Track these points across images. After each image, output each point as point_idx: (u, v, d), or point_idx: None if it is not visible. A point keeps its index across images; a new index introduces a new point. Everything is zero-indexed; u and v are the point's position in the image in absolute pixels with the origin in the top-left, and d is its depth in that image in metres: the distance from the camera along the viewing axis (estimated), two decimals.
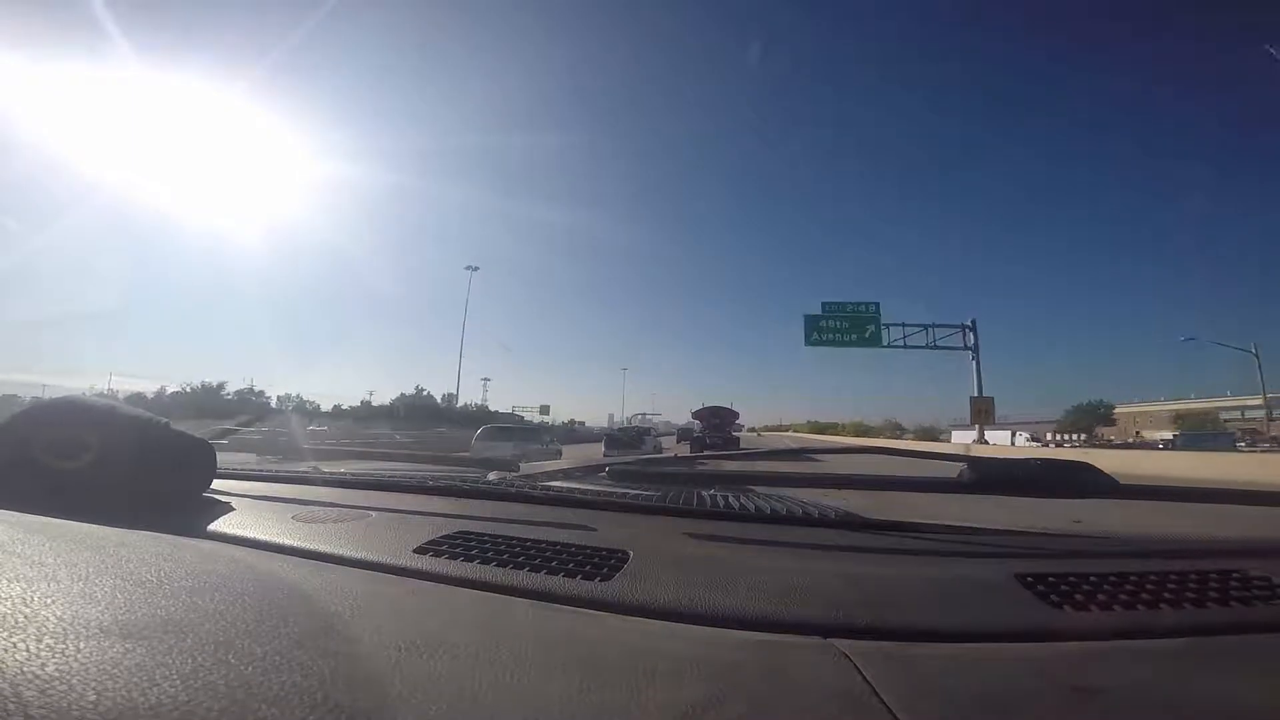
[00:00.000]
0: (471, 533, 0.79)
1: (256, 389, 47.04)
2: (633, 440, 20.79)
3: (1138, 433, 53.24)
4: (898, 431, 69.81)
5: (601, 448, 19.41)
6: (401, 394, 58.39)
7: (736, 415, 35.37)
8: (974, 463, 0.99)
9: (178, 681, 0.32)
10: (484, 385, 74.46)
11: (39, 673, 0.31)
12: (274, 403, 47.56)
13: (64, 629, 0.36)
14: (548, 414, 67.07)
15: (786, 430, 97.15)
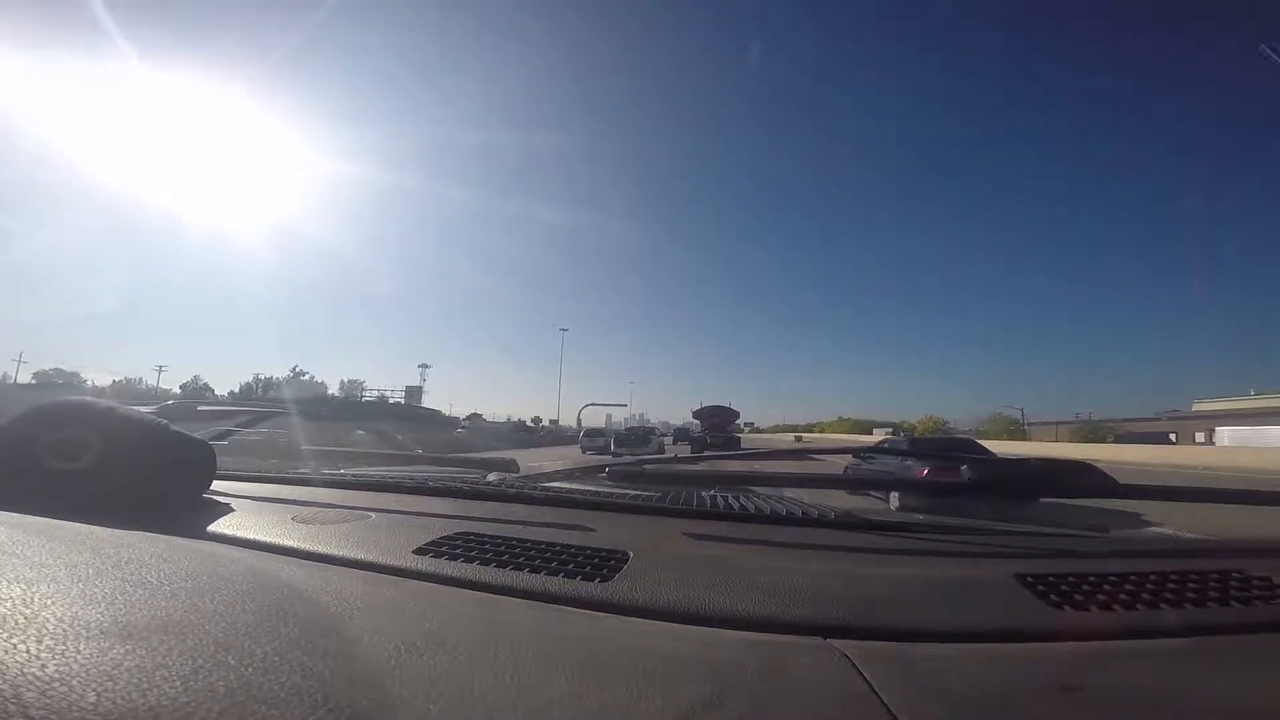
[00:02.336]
0: (471, 534, 0.79)
1: (67, 369, 46.22)
2: (641, 439, 24.97)
3: None
4: (1015, 430, 50.50)
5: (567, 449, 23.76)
6: (257, 377, 53.93)
7: (737, 415, 35.52)
8: (975, 464, 0.99)
9: (178, 683, 0.32)
10: (421, 373, 75.61)
11: (39, 674, 0.31)
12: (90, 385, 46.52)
13: (64, 630, 0.36)
14: (419, 398, 68.11)
15: (825, 432, 79.15)
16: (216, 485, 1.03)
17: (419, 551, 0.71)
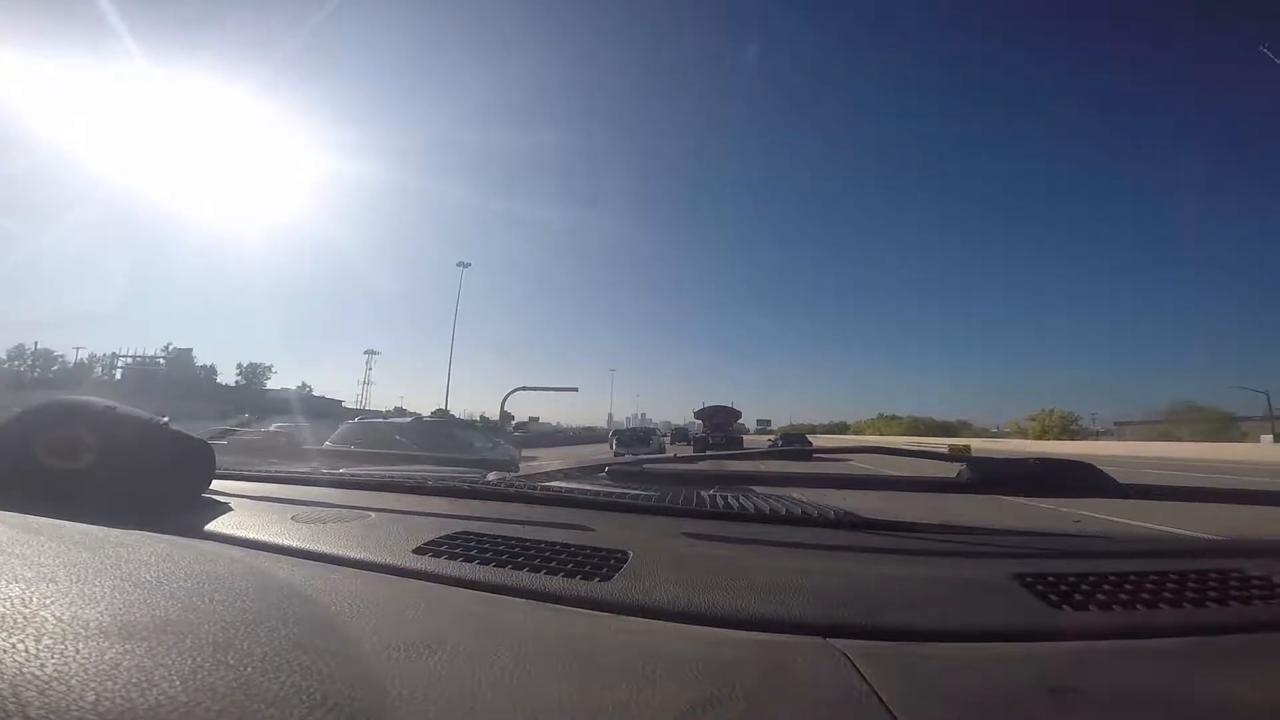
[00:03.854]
0: (471, 533, 0.79)
1: None
2: (641, 438, 25.46)
3: None
4: (1221, 427, 31.52)
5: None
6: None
7: (739, 415, 35.54)
8: (974, 463, 0.98)
9: (177, 682, 0.32)
10: (367, 359, 73.04)
11: (38, 673, 0.31)
12: None
13: (63, 630, 0.36)
14: (189, 364, 60.50)
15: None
16: (215, 485, 1.03)
17: (418, 551, 0.71)
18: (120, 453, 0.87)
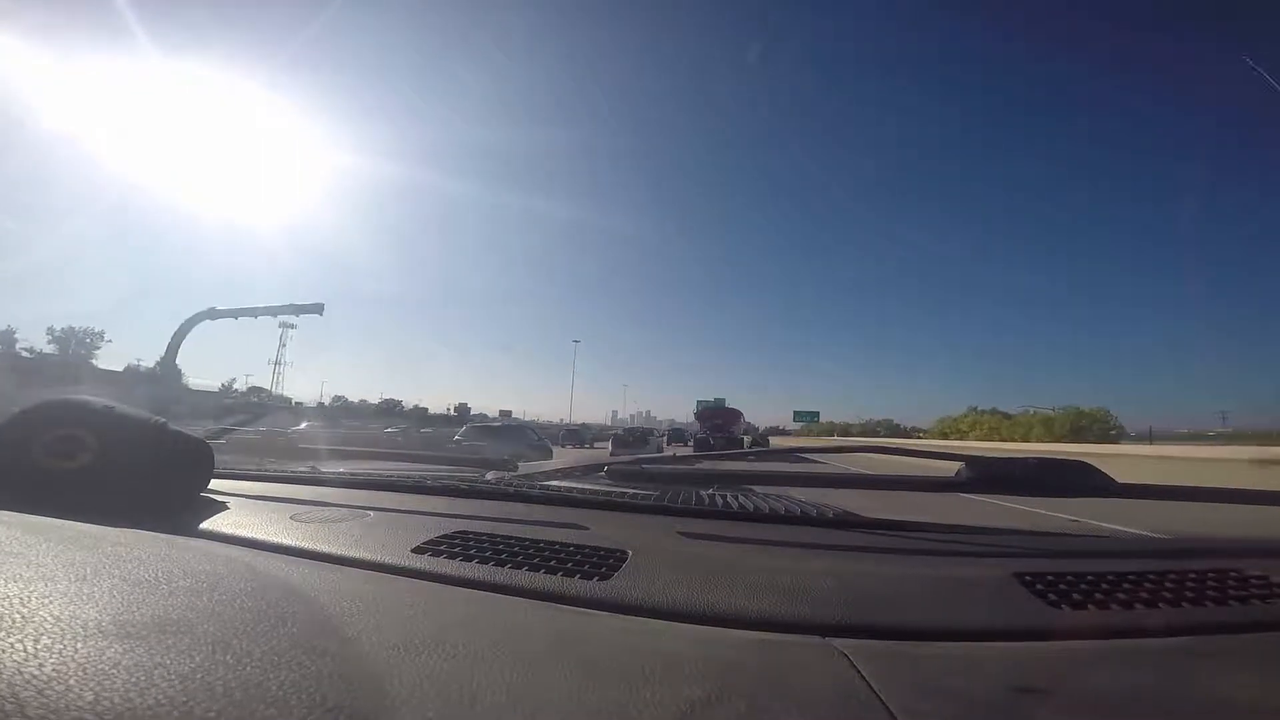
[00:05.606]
0: (470, 532, 0.79)
1: None
2: (640, 439, 25.70)
3: None
4: None
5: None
6: None
7: (740, 415, 35.34)
8: (972, 462, 0.99)
9: (175, 681, 0.32)
10: (283, 334, 70.29)
11: (36, 673, 0.31)
12: None
13: (61, 629, 0.36)
14: (65, 345, 48.88)
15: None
16: (214, 484, 1.03)
17: (417, 550, 0.71)
18: (118, 452, 0.87)
